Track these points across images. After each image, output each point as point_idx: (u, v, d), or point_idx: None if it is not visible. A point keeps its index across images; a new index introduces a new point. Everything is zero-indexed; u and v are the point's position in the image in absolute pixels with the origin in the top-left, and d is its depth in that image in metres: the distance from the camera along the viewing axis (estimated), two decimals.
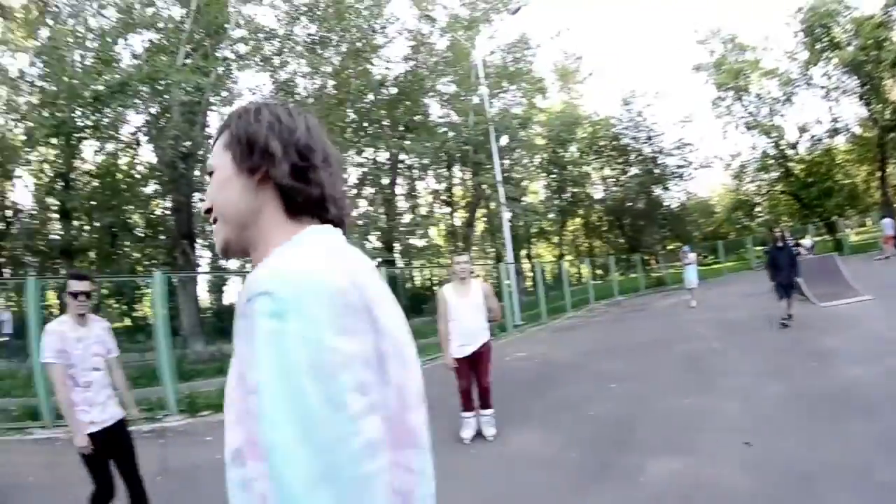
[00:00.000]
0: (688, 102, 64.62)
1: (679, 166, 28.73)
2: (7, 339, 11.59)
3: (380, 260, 17.60)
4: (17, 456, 5.87)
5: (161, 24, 14.11)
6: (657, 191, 29.18)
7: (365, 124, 18.16)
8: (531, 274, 20.71)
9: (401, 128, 18.51)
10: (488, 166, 18.00)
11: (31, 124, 14.70)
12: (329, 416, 0.62)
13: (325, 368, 0.63)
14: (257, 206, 0.83)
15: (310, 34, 15.87)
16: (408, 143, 17.94)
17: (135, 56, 14.65)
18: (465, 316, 4.84)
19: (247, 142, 0.83)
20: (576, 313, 16.55)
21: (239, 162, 0.84)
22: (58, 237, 17.44)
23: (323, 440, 0.61)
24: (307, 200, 0.84)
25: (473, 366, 4.88)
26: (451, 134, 19.34)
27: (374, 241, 18.52)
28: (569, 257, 30.86)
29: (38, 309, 7.40)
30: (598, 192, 30.78)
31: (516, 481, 3.86)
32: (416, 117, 19.25)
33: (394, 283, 11.52)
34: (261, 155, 0.82)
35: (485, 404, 4.97)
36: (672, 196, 30.41)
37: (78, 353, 3.13)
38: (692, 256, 14.20)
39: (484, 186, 20.00)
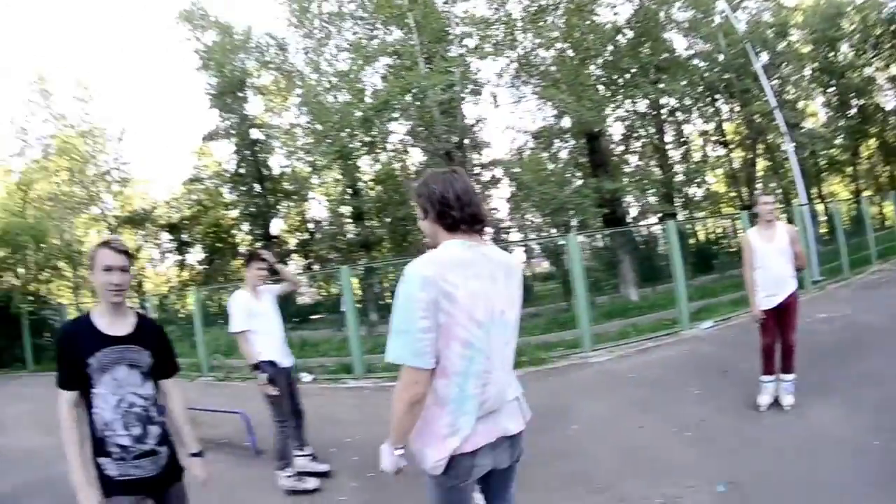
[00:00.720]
0: None
1: None
2: (342, 314, 14.64)
3: (660, 214, 16.81)
4: (333, 399, 7.74)
5: (390, 50, 15.60)
6: None
7: (614, 76, 17.08)
8: (825, 218, 17.14)
9: (652, 72, 16.84)
10: (757, 92, 15.80)
11: (311, 158, 18.17)
12: (409, 315, 1.69)
13: (411, 300, 1.69)
14: (435, 231, 1.89)
15: (525, 7, 15.72)
16: (663, 85, 16.42)
17: (382, 79, 16.45)
18: (773, 262, 4.45)
19: (418, 205, 1.93)
20: (882, 266, 13.26)
21: (420, 214, 1.93)
22: (355, 236, 21.13)
23: (405, 322, 1.70)
24: (448, 225, 1.85)
25: (779, 319, 4.46)
26: (703, 65, 17.42)
27: (651, 197, 17.40)
28: (867, 193, 24.42)
29: (349, 289, 9.90)
30: (889, 101, 23.86)
31: (812, 463, 3.46)
32: (664, 55, 17.39)
33: (681, 238, 10.63)
34: (424, 211, 1.90)
35: (787, 367, 4.49)
36: None
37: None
38: None
39: (756, 117, 17.44)
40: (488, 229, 2.01)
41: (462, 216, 1.83)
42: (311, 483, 4.18)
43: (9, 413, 9.36)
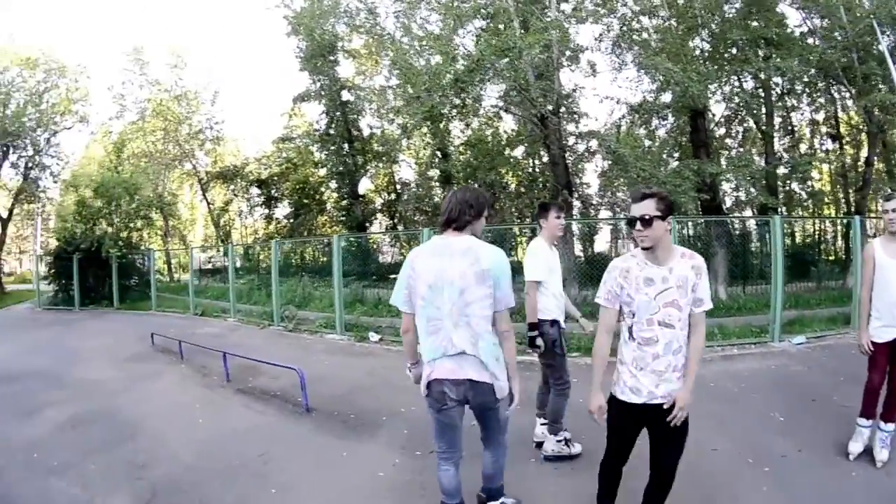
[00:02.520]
0: None
1: None
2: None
3: (759, 208, 15.52)
4: (398, 361, 7.49)
5: (484, 12, 15.15)
6: None
7: (721, 49, 15.77)
8: None
9: (762, 46, 15.22)
10: (880, 79, 13.95)
11: (401, 120, 18.19)
12: (399, 280, 2.83)
13: (401, 272, 2.82)
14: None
15: None
16: (775, 61, 14.33)
17: (475, 41, 15.93)
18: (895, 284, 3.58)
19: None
20: None
21: None
22: (441, 199, 21.49)
23: (398, 283, 2.86)
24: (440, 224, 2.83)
25: (892, 356, 3.67)
26: (818, 43, 15.35)
27: (751, 189, 16.13)
28: None
29: None
30: None
31: None
32: (776, 30, 15.38)
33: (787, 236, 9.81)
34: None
35: (889, 416, 3.76)
36: None
37: (643, 298, 2.54)
38: None
39: (876, 109, 15.16)
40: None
41: (441, 223, 2.83)
42: (577, 448, 4.12)
43: (88, 346, 10.46)
